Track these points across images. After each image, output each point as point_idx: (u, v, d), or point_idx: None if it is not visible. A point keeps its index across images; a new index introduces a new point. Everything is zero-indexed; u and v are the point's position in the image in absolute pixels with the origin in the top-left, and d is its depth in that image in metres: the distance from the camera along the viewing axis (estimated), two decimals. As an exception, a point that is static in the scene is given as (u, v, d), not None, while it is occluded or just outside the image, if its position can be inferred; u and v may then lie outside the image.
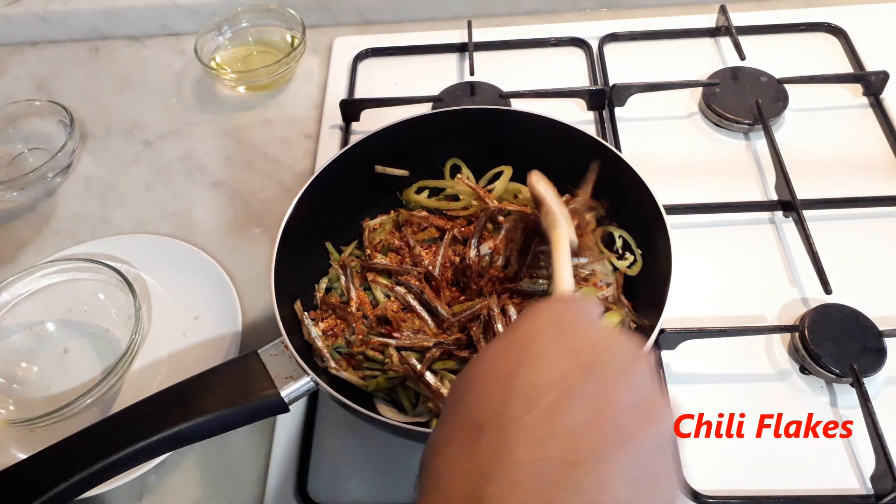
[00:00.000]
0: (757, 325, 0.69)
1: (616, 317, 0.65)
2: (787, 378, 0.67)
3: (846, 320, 0.67)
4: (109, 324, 0.76)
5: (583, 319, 0.41)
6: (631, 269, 0.69)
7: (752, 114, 0.86)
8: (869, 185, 0.80)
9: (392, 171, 0.77)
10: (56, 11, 1.11)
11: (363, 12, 1.09)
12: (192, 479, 0.67)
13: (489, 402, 0.36)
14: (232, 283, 0.78)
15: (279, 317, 0.60)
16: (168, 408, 0.54)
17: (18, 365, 0.74)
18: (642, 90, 0.89)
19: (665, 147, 0.87)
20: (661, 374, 0.67)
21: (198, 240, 0.85)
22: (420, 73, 1.00)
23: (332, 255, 0.74)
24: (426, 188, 0.78)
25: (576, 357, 0.37)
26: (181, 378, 0.57)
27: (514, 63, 1.00)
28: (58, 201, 0.93)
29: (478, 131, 0.75)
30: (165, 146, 0.97)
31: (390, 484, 0.64)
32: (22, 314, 0.76)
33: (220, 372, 0.58)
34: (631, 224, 0.71)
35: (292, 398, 0.57)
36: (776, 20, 0.99)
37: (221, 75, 1.00)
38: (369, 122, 0.93)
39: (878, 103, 0.88)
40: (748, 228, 0.78)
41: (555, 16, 1.07)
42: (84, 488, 0.51)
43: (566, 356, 0.37)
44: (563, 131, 0.71)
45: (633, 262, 0.69)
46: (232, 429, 0.56)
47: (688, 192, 0.80)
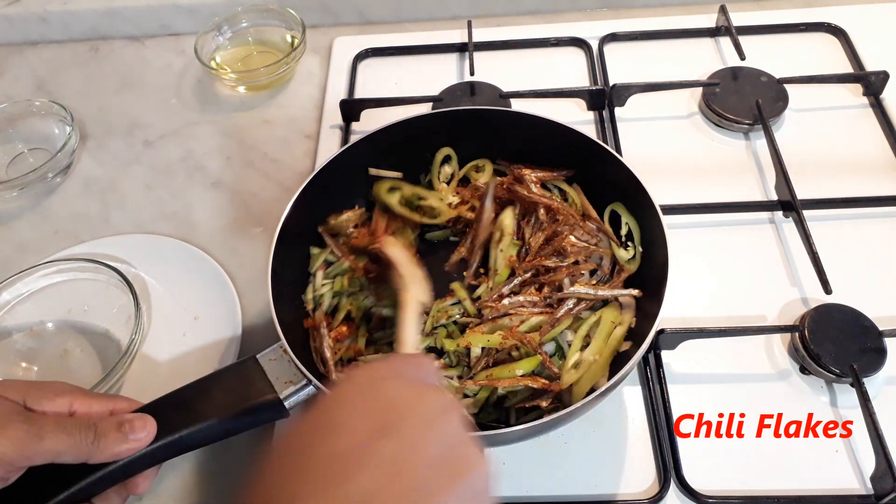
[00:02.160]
0: (757, 325, 0.69)
1: (614, 312, 0.65)
2: (787, 378, 0.67)
3: (846, 320, 0.67)
4: (109, 324, 0.76)
5: (395, 378, 0.40)
6: (630, 264, 0.69)
7: (752, 114, 0.86)
8: (869, 185, 0.80)
9: (385, 173, 0.76)
10: (56, 11, 1.11)
11: (363, 12, 1.09)
12: (192, 481, 0.67)
13: (282, 483, 0.34)
14: (232, 284, 0.78)
15: (277, 322, 0.59)
16: (168, 414, 0.54)
17: (18, 365, 0.74)
18: (642, 90, 0.89)
19: (665, 147, 0.87)
20: (662, 374, 0.67)
21: (198, 240, 0.85)
22: (420, 73, 1.00)
23: (313, 257, 0.73)
24: (398, 189, 0.76)
25: (375, 418, 0.35)
26: (181, 378, 0.57)
27: (514, 63, 1.00)
28: (58, 201, 0.93)
29: (478, 131, 0.75)
30: (165, 146, 0.97)
31: (390, 484, 0.64)
32: (22, 314, 0.76)
33: (218, 377, 0.58)
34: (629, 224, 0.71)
35: (292, 403, 0.56)
36: (776, 20, 0.99)
37: (221, 75, 1.00)
38: (369, 122, 0.93)
39: (878, 103, 0.88)
40: (748, 228, 0.78)
41: (555, 16, 1.07)
42: (85, 497, 0.51)
43: (365, 419, 0.35)
44: (563, 132, 0.71)
45: (633, 256, 0.69)
46: (232, 434, 0.56)
47: (688, 192, 0.80)
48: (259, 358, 0.58)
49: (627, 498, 0.61)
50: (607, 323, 0.63)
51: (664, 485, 0.60)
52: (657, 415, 0.65)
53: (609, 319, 0.64)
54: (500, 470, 0.63)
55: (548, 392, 0.61)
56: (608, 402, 0.65)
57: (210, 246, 0.84)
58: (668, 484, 0.61)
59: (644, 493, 0.61)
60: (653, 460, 0.63)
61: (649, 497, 0.60)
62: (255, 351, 0.59)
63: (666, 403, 0.65)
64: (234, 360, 0.71)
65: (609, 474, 0.62)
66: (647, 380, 0.67)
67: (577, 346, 0.63)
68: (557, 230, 0.69)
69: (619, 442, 0.64)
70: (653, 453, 0.63)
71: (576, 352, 0.62)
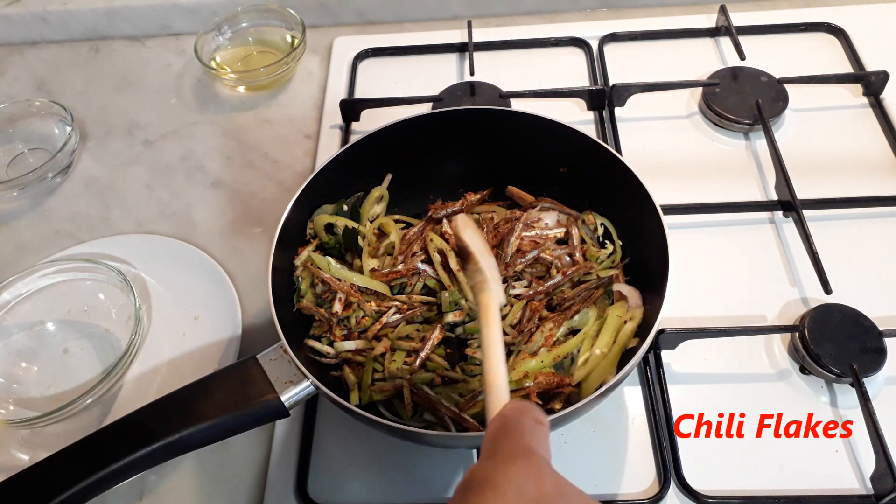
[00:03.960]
0: (757, 325, 0.69)
1: (622, 307, 0.65)
2: (787, 378, 0.67)
3: (846, 320, 0.67)
4: (109, 324, 0.76)
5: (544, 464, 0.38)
6: (608, 261, 0.70)
7: (752, 114, 0.86)
8: (869, 185, 0.80)
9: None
10: (56, 11, 1.10)
11: (363, 12, 1.09)
12: (192, 480, 0.67)
13: None
14: (232, 283, 0.78)
15: (277, 322, 0.59)
16: (168, 415, 0.54)
17: (18, 365, 0.74)
18: (642, 90, 0.89)
19: (665, 147, 0.87)
20: (662, 374, 0.67)
21: (198, 240, 0.85)
22: (420, 73, 1.00)
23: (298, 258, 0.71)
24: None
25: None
26: (181, 378, 0.57)
27: (514, 63, 1.00)
28: (58, 201, 0.93)
29: (478, 131, 0.75)
30: (165, 146, 0.97)
31: (390, 484, 0.64)
32: (22, 314, 0.76)
33: (219, 378, 0.57)
34: (628, 224, 0.71)
35: (292, 403, 0.57)
36: (776, 20, 0.99)
37: (221, 75, 1.00)
38: (369, 122, 0.93)
39: (878, 103, 0.88)
40: (748, 228, 0.78)
41: (555, 16, 1.07)
42: (85, 497, 0.51)
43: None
44: (563, 132, 0.71)
45: (611, 252, 0.71)
46: (232, 435, 0.56)
47: (688, 192, 0.80)
48: (259, 358, 0.58)
49: (627, 498, 0.61)
50: (614, 318, 0.64)
51: (664, 485, 0.61)
52: (657, 415, 0.65)
53: (616, 314, 0.64)
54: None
55: (560, 394, 0.61)
56: (608, 402, 0.65)
57: (210, 246, 0.84)
58: (668, 484, 0.61)
59: (644, 492, 0.61)
60: (653, 460, 0.63)
61: (649, 497, 0.60)
62: (255, 351, 0.59)
63: (666, 403, 0.65)
64: (234, 360, 0.71)
65: (609, 474, 0.62)
66: (647, 380, 0.67)
67: (587, 346, 0.63)
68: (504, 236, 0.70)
69: (619, 442, 0.64)
70: (653, 453, 0.63)
71: (586, 351, 0.63)
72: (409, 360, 0.65)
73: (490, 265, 0.56)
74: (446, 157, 0.77)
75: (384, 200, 0.77)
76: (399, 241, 0.72)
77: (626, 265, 0.71)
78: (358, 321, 0.67)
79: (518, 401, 0.45)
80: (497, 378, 0.47)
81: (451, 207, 0.75)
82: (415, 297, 0.69)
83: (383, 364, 0.65)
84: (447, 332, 0.67)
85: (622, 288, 0.68)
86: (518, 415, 0.42)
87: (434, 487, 0.63)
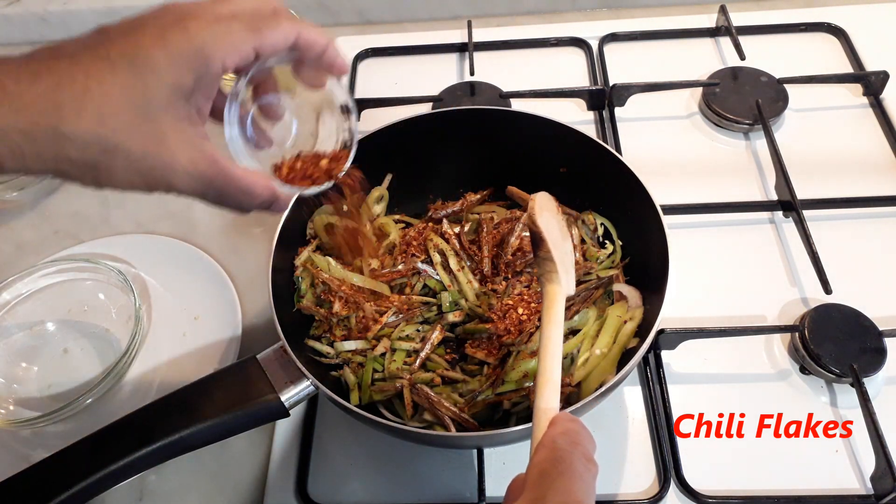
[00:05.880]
0: (757, 325, 0.69)
1: (622, 307, 0.65)
2: (787, 378, 0.67)
3: (846, 320, 0.67)
4: (109, 324, 0.76)
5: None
6: (608, 261, 0.70)
7: (752, 114, 0.86)
8: (869, 185, 0.80)
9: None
10: (56, 11, 1.10)
11: (363, 12, 1.09)
12: (192, 480, 0.67)
13: None
14: (232, 283, 0.78)
15: (277, 322, 0.59)
16: (168, 415, 0.54)
17: (18, 365, 0.74)
18: (642, 90, 0.89)
19: (665, 147, 0.87)
20: (662, 374, 0.67)
21: (198, 240, 0.84)
22: (420, 73, 1.00)
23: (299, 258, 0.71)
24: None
25: None
26: (181, 378, 0.57)
27: (514, 63, 1.00)
28: (58, 201, 0.93)
29: (478, 131, 0.75)
30: (165, 146, 0.97)
31: (390, 484, 0.64)
32: (22, 314, 0.76)
33: (219, 378, 0.57)
34: (628, 224, 0.71)
35: (292, 402, 0.56)
36: (776, 20, 0.99)
37: (221, 75, 0.99)
38: (370, 121, 0.92)
39: (878, 103, 0.88)
40: (748, 228, 0.78)
41: (555, 16, 1.07)
42: (85, 497, 0.51)
43: None
44: (563, 132, 0.71)
45: (611, 252, 0.71)
46: (232, 435, 0.56)
47: (688, 192, 0.80)
48: (259, 358, 0.58)
49: (627, 498, 0.61)
50: (614, 318, 0.64)
51: (664, 485, 0.61)
52: (657, 415, 0.65)
53: (616, 314, 0.64)
54: (500, 470, 0.63)
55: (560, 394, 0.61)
56: (608, 402, 0.65)
57: (210, 246, 0.84)
58: (668, 484, 0.61)
59: (644, 492, 0.61)
60: (653, 460, 0.63)
61: (649, 497, 0.60)
62: (255, 351, 0.59)
63: (666, 403, 0.65)
64: (234, 360, 0.71)
65: (609, 474, 0.62)
66: (647, 380, 0.67)
67: (587, 346, 0.63)
68: (504, 236, 0.70)
69: (619, 442, 0.64)
70: (653, 453, 0.63)
71: (586, 351, 0.63)
72: (409, 360, 0.65)
73: (563, 253, 0.51)
74: (446, 157, 0.77)
75: (384, 200, 0.77)
76: (399, 241, 0.72)
77: (626, 265, 0.71)
78: (358, 321, 0.67)
79: (568, 420, 0.42)
80: (548, 384, 0.44)
81: (451, 207, 0.76)
82: (415, 297, 0.69)
83: (383, 364, 0.65)
84: (447, 332, 0.67)
85: (622, 288, 0.68)
86: (571, 447, 0.39)
87: (434, 487, 0.63)
